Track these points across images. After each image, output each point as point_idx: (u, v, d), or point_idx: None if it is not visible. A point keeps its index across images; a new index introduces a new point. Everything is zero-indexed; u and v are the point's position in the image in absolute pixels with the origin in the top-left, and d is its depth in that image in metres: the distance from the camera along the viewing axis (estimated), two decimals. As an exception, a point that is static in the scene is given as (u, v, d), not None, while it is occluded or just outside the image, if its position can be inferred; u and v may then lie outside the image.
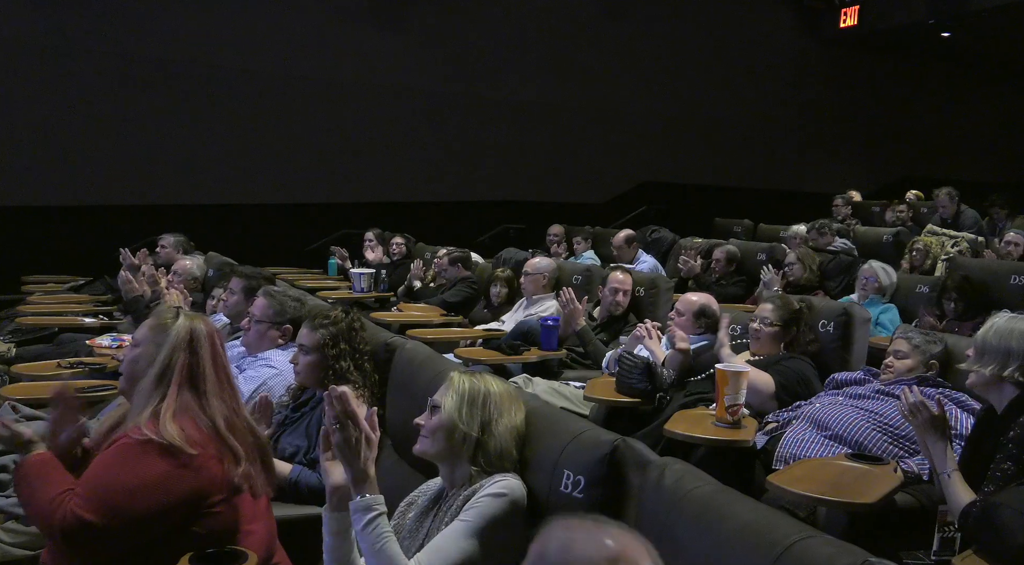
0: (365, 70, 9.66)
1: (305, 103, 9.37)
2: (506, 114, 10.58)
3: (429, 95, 10.10)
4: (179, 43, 8.65)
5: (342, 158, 9.60)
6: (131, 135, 8.47)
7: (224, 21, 8.86)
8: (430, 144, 10.15)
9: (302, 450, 2.89)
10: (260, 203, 9.17)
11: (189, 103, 8.74)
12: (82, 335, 4.82)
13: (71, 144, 8.23)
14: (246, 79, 9.02)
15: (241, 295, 3.99)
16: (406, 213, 9.53)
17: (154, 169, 8.59)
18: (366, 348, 3.01)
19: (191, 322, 2.18)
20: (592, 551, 1.10)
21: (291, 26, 9.23)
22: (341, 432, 1.85)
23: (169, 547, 1.93)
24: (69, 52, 8.17)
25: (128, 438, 1.97)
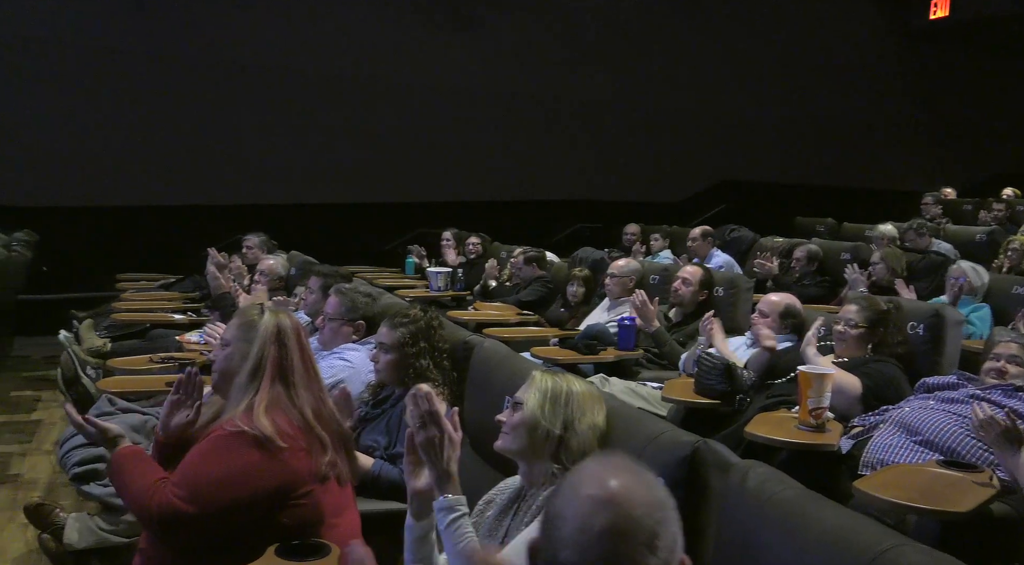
0: (442, 71, 9.75)
1: (384, 105, 9.52)
2: (581, 113, 10.54)
3: (505, 94, 10.13)
4: (261, 49, 8.89)
5: (420, 158, 9.71)
6: (218, 138, 8.75)
7: (302, 26, 9.07)
8: (505, 144, 10.19)
9: (383, 446, 2.93)
10: (340, 203, 9.36)
11: (274, 107, 8.98)
12: (172, 331, 4.98)
13: (162, 147, 8.56)
14: (327, 82, 9.21)
15: (319, 293, 4.07)
16: (482, 212, 9.59)
17: (240, 170, 8.86)
18: (445, 346, 3.04)
19: (277, 317, 2.25)
20: (587, 483, 1.12)
21: (367, 30, 9.39)
22: (424, 432, 1.86)
23: (258, 537, 1.99)
24: (159, 59, 8.48)
25: (222, 430, 2.05)
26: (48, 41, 8.16)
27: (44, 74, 8.18)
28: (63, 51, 8.21)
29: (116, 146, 8.40)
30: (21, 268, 6.89)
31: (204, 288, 5.98)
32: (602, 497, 1.09)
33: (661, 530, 1.10)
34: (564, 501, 1.11)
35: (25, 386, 6.17)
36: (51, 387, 5.70)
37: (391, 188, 9.63)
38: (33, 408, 5.66)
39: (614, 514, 1.08)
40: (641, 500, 1.10)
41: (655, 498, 1.12)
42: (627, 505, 1.09)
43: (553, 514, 1.12)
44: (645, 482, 1.13)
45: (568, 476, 1.17)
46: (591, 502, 1.09)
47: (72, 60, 8.25)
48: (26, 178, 8.08)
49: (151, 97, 8.50)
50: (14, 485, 4.26)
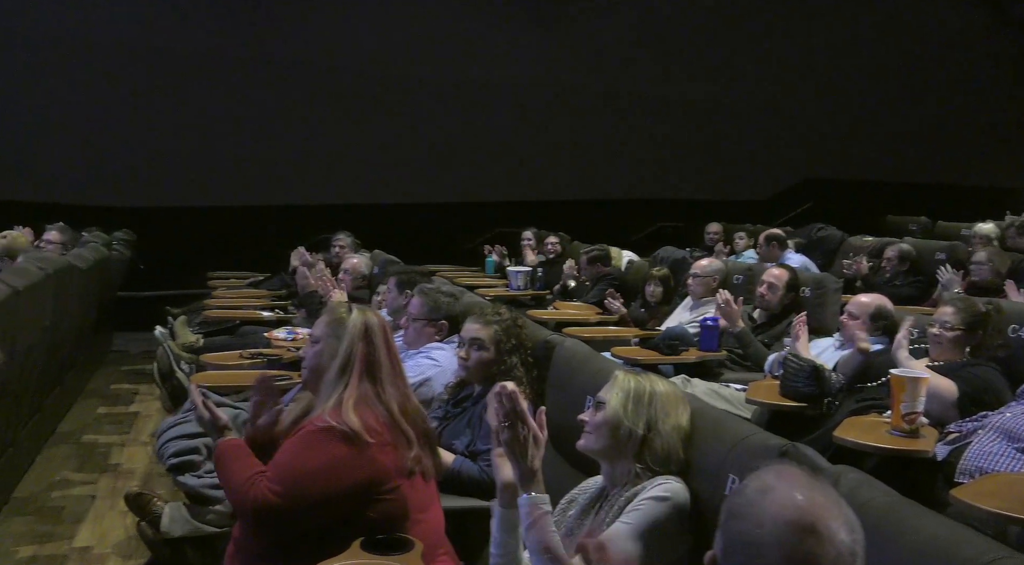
0: (522, 68, 9.78)
1: (465, 104, 9.61)
2: (661, 110, 10.42)
3: (584, 92, 10.10)
4: (344, 51, 9.09)
5: (500, 157, 9.76)
6: (304, 139, 9.00)
7: (383, 28, 9.25)
8: (584, 142, 10.16)
9: (463, 443, 2.95)
10: (422, 202, 9.49)
11: (359, 108, 9.18)
12: (261, 328, 5.12)
13: (251, 149, 8.84)
14: (410, 83, 9.36)
15: (396, 292, 4.12)
16: (561, 212, 9.58)
17: (326, 171, 9.09)
18: (529, 345, 3.05)
19: (364, 315, 2.30)
20: (778, 507, 1.09)
21: (447, 29, 9.51)
22: (509, 430, 1.87)
23: (345, 530, 2.03)
24: (249, 63, 8.76)
25: (312, 425, 2.11)
26: (142, 47, 8.51)
27: (139, 80, 8.54)
28: (156, 57, 8.55)
29: (208, 148, 8.71)
30: (120, 267, 7.20)
31: (291, 286, 6.14)
32: (804, 524, 1.07)
33: (859, 549, 1.09)
34: (757, 526, 1.09)
35: (123, 379, 6.44)
36: (148, 381, 5.94)
37: (472, 188, 9.71)
38: (131, 401, 5.90)
39: (822, 542, 1.06)
40: (841, 522, 1.09)
41: (849, 516, 1.10)
42: (831, 530, 1.07)
43: (748, 539, 1.09)
44: (833, 498, 1.12)
45: (745, 493, 1.14)
46: (794, 529, 1.07)
47: (165, 65, 8.59)
48: (126, 180, 8.45)
49: (242, 100, 8.79)
50: (114, 474, 4.45)
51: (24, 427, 4.25)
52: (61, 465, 4.55)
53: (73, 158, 8.28)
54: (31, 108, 8.20)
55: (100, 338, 6.95)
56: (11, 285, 3.72)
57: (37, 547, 3.55)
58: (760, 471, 1.16)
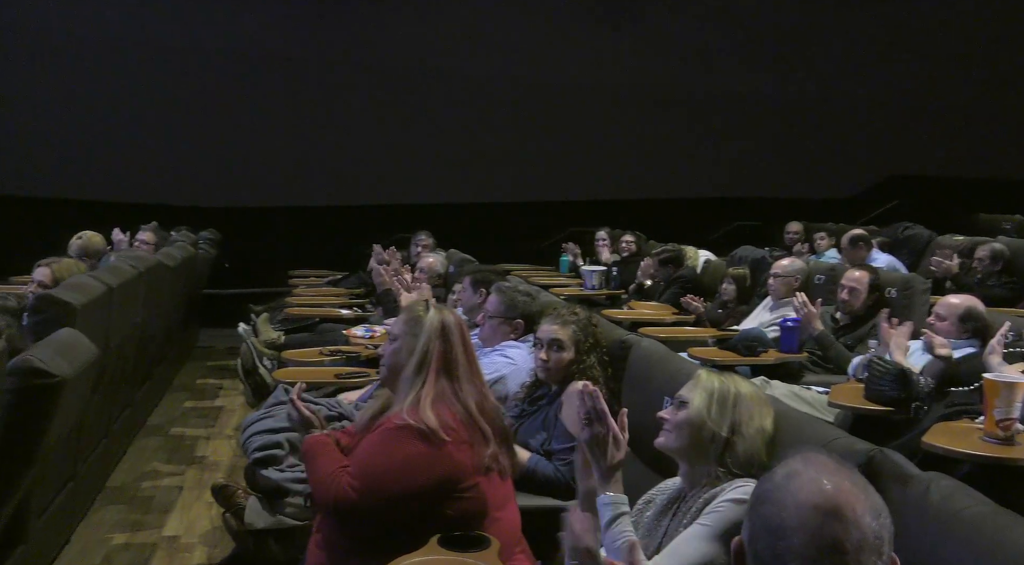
0: (599, 67, 9.75)
1: (540, 103, 9.63)
2: (739, 107, 10.24)
3: (658, 90, 10.00)
4: (422, 52, 9.20)
5: (575, 156, 9.75)
6: (381, 140, 9.16)
7: (461, 28, 9.33)
8: (661, 140, 10.05)
9: (538, 442, 2.96)
10: (497, 201, 9.54)
11: (435, 108, 9.30)
12: (340, 325, 5.22)
13: (330, 150, 9.05)
14: (487, 83, 9.42)
15: (470, 290, 4.14)
16: (637, 210, 9.50)
17: (403, 171, 9.22)
18: (605, 344, 3.03)
19: (441, 313, 2.33)
20: (803, 491, 1.09)
21: (524, 28, 9.54)
22: (590, 429, 1.87)
23: (423, 527, 2.06)
24: (329, 66, 8.96)
25: (390, 423, 2.15)
26: (227, 53, 8.78)
27: (224, 85, 8.82)
28: (241, 63, 8.81)
29: (290, 150, 8.94)
30: (206, 265, 7.43)
31: (368, 284, 6.25)
32: (829, 507, 1.07)
33: (886, 534, 1.08)
34: (782, 509, 1.09)
35: (209, 374, 6.65)
36: (232, 376, 6.12)
37: (546, 187, 9.71)
38: (216, 395, 6.09)
39: (847, 526, 1.06)
40: (866, 506, 1.08)
41: (876, 501, 1.10)
42: (856, 514, 1.07)
43: (772, 524, 1.10)
44: (861, 484, 1.11)
45: (773, 479, 1.14)
46: (818, 513, 1.07)
47: (249, 71, 8.85)
48: (212, 181, 8.74)
49: (325, 103, 9.02)
50: (200, 466, 4.60)
51: (117, 419, 4.43)
52: (151, 456, 4.73)
53: (164, 161, 8.60)
54: (126, 115, 8.56)
55: (187, 334, 7.19)
56: (106, 282, 3.88)
57: (130, 535, 3.70)
58: (790, 458, 1.16)
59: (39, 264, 4.24)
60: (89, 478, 3.86)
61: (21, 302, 3.49)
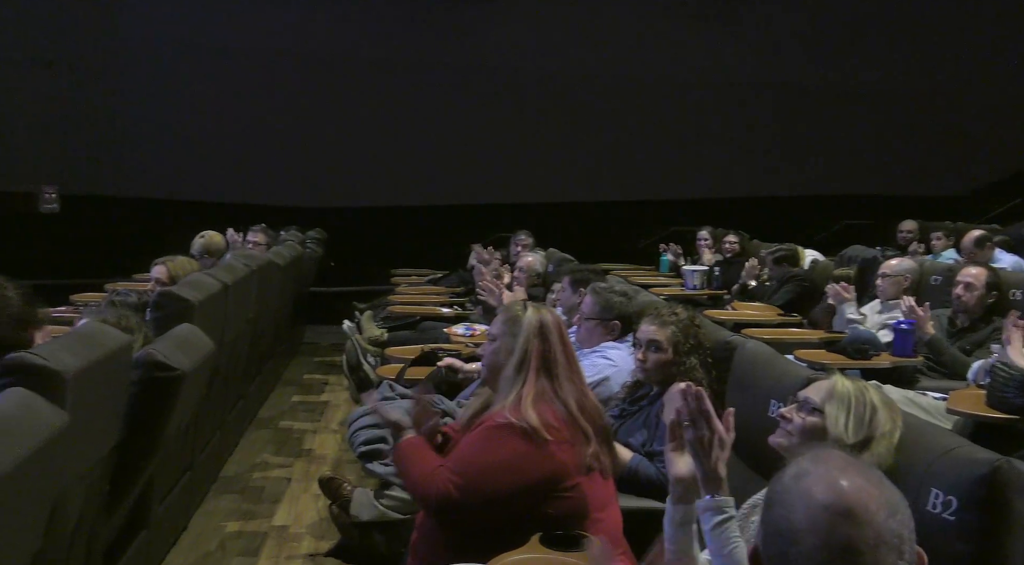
0: (702, 64, 9.59)
1: (641, 101, 9.54)
2: (847, 102, 9.89)
3: (767, 86, 9.76)
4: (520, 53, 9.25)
5: (676, 154, 9.62)
6: (480, 140, 9.25)
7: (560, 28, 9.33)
8: (766, 137, 9.81)
9: (640, 443, 2.92)
10: (596, 201, 9.51)
11: (535, 108, 9.35)
12: (441, 323, 5.30)
13: (432, 150, 9.21)
14: (586, 82, 9.40)
15: (570, 290, 4.13)
16: (740, 209, 9.30)
17: (503, 171, 9.30)
18: (707, 346, 2.98)
19: (539, 313, 2.34)
20: (818, 491, 1.04)
21: (624, 26, 9.47)
22: (694, 430, 1.83)
23: (524, 525, 2.06)
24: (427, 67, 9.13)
25: (492, 421, 2.17)
26: (333, 57, 9.03)
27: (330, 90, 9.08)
28: (346, 66, 9.05)
29: (393, 151, 9.14)
30: (313, 263, 7.67)
31: (468, 283, 6.32)
32: (839, 507, 1.02)
33: (906, 532, 1.03)
34: (793, 511, 1.05)
35: (315, 370, 6.86)
36: (337, 372, 6.30)
37: (647, 186, 9.62)
38: (322, 390, 6.27)
39: (860, 525, 1.01)
40: (881, 503, 1.03)
41: (891, 497, 1.04)
42: (870, 513, 1.02)
43: (782, 527, 1.06)
44: (875, 480, 1.06)
45: (782, 480, 1.10)
46: (829, 514, 1.02)
47: (354, 74, 9.09)
48: (319, 182, 9.01)
49: (425, 104, 9.18)
50: (307, 459, 4.75)
51: (230, 412, 4.62)
52: (261, 448, 4.90)
53: (274, 164, 8.92)
54: (239, 120, 8.92)
55: (295, 330, 7.43)
56: (221, 280, 4.05)
57: (242, 523, 3.84)
58: (801, 457, 1.10)
59: (156, 262, 4.46)
60: (204, 468, 4.04)
61: (142, 298, 3.67)
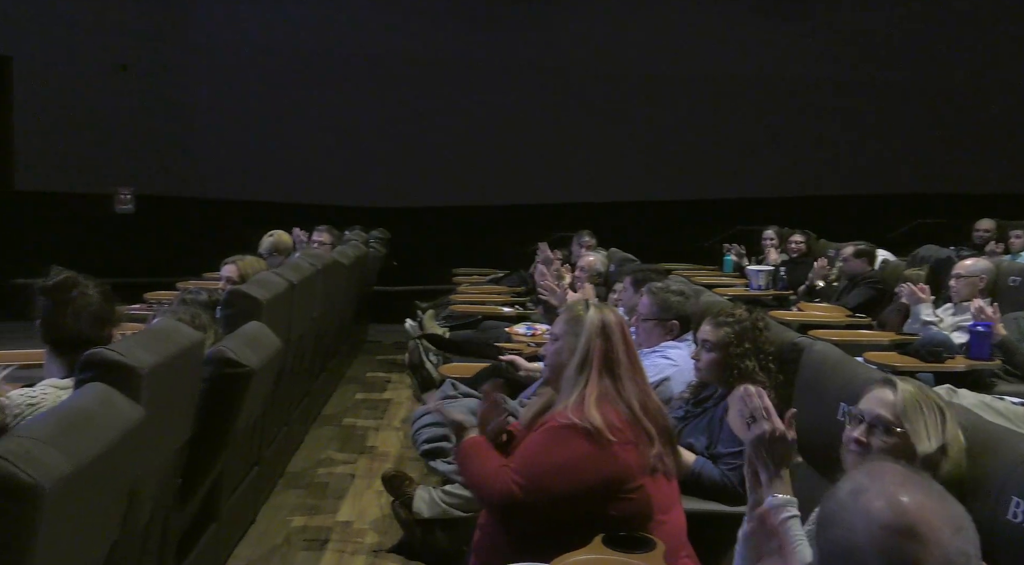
0: (761, 62, 9.45)
1: (706, 99, 9.44)
2: (919, 98, 9.61)
3: (831, 83, 9.55)
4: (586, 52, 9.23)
5: (741, 152, 9.49)
6: (543, 139, 9.28)
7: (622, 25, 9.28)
8: (834, 135, 9.60)
9: (703, 445, 2.89)
10: (659, 200, 9.43)
11: (597, 107, 9.31)
12: (502, 323, 5.32)
13: (492, 150, 9.24)
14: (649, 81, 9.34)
15: (631, 290, 4.10)
16: (806, 208, 9.11)
17: (564, 170, 9.29)
18: (770, 348, 2.92)
19: (601, 312, 2.33)
20: (876, 508, 1.00)
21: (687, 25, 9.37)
22: (755, 428, 1.80)
23: (587, 526, 2.06)
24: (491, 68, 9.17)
25: (555, 421, 2.16)
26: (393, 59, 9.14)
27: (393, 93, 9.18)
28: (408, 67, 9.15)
29: (455, 152, 9.21)
30: (376, 263, 7.77)
31: (529, 282, 6.32)
32: (902, 526, 0.99)
33: (972, 549, 1.00)
34: (852, 531, 1.01)
35: (378, 368, 6.94)
36: (399, 370, 6.36)
37: (710, 184, 9.50)
38: (384, 388, 6.35)
39: (925, 545, 0.98)
40: (945, 520, 1.00)
41: (955, 512, 1.02)
42: (935, 531, 0.99)
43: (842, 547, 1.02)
44: (936, 495, 1.02)
45: (837, 496, 1.06)
46: (892, 533, 0.99)
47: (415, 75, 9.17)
48: (382, 182, 9.13)
49: (486, 105, 9.22)
50: (371, 456, 4.81)
51: (296, 408, 4.70)
52: (326, 445, 4.99)
53: (338, 165, 9.07)
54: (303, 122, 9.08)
55: (358, 329, 7.53)
56: (288, 279, 4.13)
57: (307, 518, 3.92)
58: (852, 471, 1.06)
59: (227, 261, 4.56)
60: (271, 463, 4.12)
61: (212, 296, 3.76)
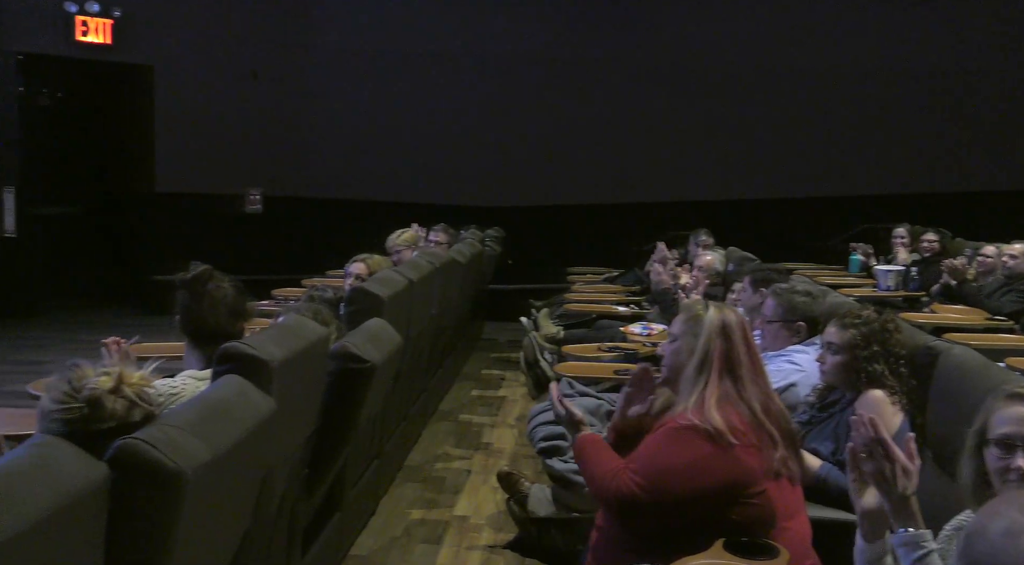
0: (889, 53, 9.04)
1: (822, 94, 9.13)
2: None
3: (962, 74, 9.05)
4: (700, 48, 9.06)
5: (867, 146, 9.12)
6: (660, 136, 9.15)
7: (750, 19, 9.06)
8: (964, 127, 9.09)
9: (829, 451, 2.79)
10: (780, 198, 9.17)
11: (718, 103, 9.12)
12: (617, 322, 5.28)
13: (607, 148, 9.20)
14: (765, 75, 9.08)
15: (750, 290, 3.99)
16: (939, 205, 8.65)
17: (679, 168, 9.15)
18: (902, 352, 2.79)
19: (722, 312, 2.28)
20: None
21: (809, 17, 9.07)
22: (872, 462, 1.71)
23: (707, 530, 2.03)
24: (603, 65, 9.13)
25: (675, 423, 2.13)
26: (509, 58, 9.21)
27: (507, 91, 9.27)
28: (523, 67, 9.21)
29: (569, 150, 9.20)
30: (492, 261, 7.86)
31: (644, 282, 6.26)
32: None
33: None
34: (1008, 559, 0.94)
35: (492, 365, 7.02)
36: (513, 368, 6.42)
37: (835, 181, 9.17)
38: (499, 385, 6.41)
39: None
40: None
41: None
42: None
43: None
44: None
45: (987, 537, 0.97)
46: None
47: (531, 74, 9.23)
48: (498, 182, 9.22)
49: (602, 102, 9.19)
50: (486, 452, 4.87)
51: (413, 404, 4.81)
52: (443, 440, 5.08)
53: (455, 165, 9.22)
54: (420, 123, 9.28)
55: (473, 326, 7.64)
56: (407, 277, 4.23)
57: (425, 512, 4.00)
58: (998, 504, 0.97)
59: (355, 259, 4.71)
60: (391, 457, 4.23)
61: (337, 294, 3.89)
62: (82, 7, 8.36)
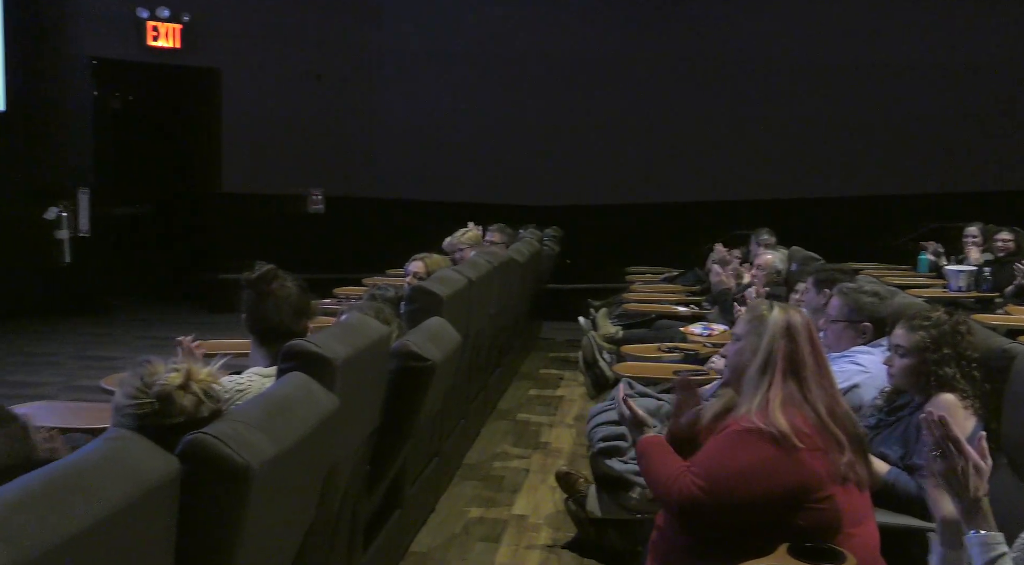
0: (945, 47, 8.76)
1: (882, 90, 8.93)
2: None
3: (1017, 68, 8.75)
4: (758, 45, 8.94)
5: (931, 143, 8.87)
6: (719, 134, 9.05)
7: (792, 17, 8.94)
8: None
9: (898, 455, 2.72)
10: (843, 196, 8.99)
11: (774, 101, 8.97)
12: (676, 322, 5.23)
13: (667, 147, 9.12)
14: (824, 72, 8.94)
15: (814, 290, 3.91)
16: (1012, 204, 8.37)
17: (740, 166, 9.02)
18: (974, 355, 2.70)
19: (787, 312, 2.24)
20: None
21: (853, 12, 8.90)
22: (943, 461, 1.67)
23: (771, 534, 1.99)
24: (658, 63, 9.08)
25: (738, 425, 2.10)
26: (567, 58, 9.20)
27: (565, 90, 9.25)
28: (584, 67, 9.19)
29: (628, 149, 9.16)
30: (550, 261, 7.86)
31: (704, 282, 6.19)
32: None
33: None
34: None
35: (550, 365, 7.02)
36: (571, 367, 6.41)
37: (901, 179, 8.93)
38: (557, 385, 6.41)
39: None
40: None
41: None
42: None
43: None
44: None
45: None
46: None
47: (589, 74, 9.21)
48: (556, 182, 9.23)
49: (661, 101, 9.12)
50: (544, 452, 4.87)
51: (472, 402, 4.84)
52: (501, 439, 5.10)
53: (513, 164, 9.24)
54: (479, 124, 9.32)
55: (532, 326, 7.65)
56: (466, 276, 4.26)
57: (483, 510, 4.02)
58: None
59: (415, 258, 4.75)
60: (450, 455, 4.26)
61: (398, 292, 3.93)
62: (153, 13, 8.61)
